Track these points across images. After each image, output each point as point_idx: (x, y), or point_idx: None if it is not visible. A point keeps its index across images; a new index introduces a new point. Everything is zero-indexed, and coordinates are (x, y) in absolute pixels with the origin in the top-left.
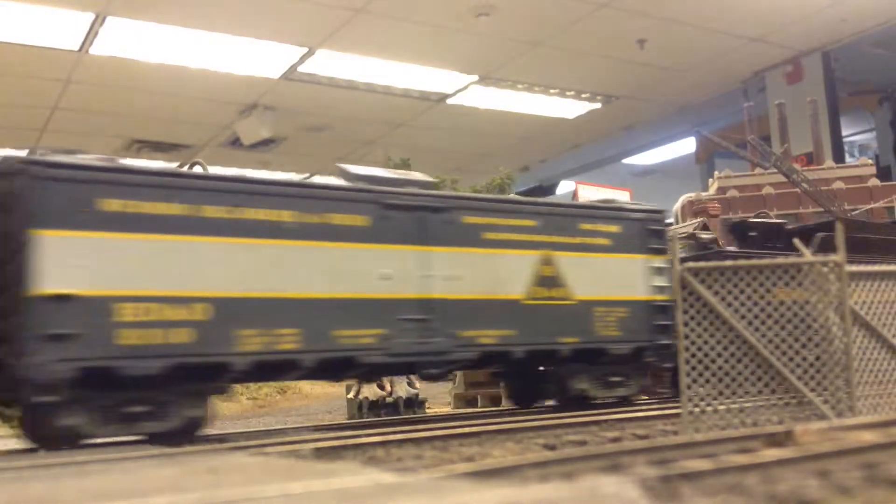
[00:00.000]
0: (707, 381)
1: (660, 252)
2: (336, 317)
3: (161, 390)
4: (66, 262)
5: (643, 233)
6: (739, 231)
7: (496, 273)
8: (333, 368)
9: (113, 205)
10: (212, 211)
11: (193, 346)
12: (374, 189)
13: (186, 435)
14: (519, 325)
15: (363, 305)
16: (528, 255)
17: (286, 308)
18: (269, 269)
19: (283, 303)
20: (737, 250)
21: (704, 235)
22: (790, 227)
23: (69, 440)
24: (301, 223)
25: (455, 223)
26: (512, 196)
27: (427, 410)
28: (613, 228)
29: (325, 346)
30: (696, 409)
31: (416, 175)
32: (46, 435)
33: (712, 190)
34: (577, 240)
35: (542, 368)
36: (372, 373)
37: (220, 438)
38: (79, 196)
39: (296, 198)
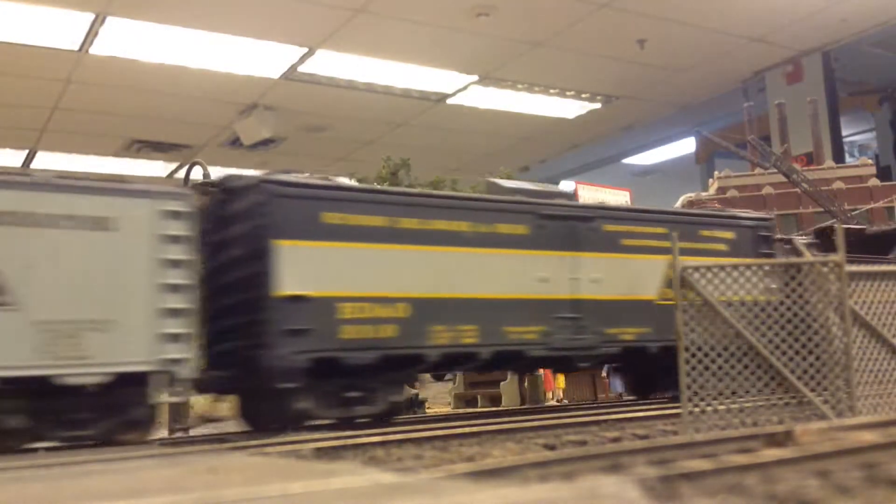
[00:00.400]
0: (707, 381)
1: (768, 256)
2: (505, 315)
3: (371, 379)
4: (298, 268)
5: (754, 238)
6: (824, 236)
7: (633, 276)
8: (504, 361)
9: (333, 218)
10: (407, 223)
11: (397, 339)
12: (531, 201)
13: (389, 418)
14: (653, 323)
15: (526, 305)
16: (659, 259)
17: (466, 307)
18: (451, 272)
19: (463, 302)
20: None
21: (801, 240)
22: (871, 231)
23: (301, 421)
24: (475, 232)
25: (598, 231)
26: (646, 206)
27: (427, 410)
28: (729, 235)
29: (498, 340)
30: (696, 409)
31: (558, 188)
32: (284, 417)
33: (712, 190)
34: (700, 245)
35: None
36: (534, 365)
37: (220, 438)
38: (307, 211)
39: (470, 210)
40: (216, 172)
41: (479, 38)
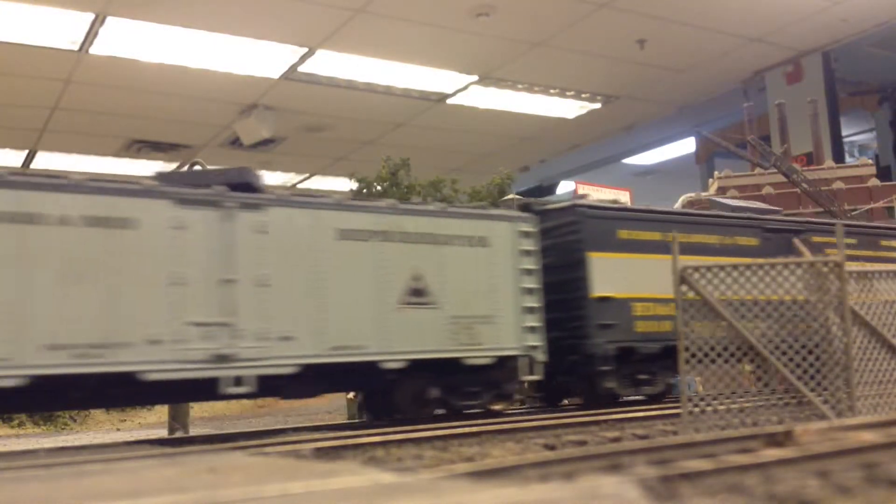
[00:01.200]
0: (707, 380)
1: None
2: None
3: (653, 364)
4: (604, 274)
5: None
6: None
7: None
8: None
9: (625, 234)
10: (622, 233)
11: (671, 334)
12: (759, 217)
13: (662, 397)
14: None
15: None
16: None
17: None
18: None
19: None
20: None
21: None
22: None
23: (610, 398)
24: (722, 244)
25: (808, 242)
26: (848, 221)
27: None
28: None
29: None
30: (696, 409)
31: (766, 205)
32: (596, 394)
33: (712, 190)
34: (880, 254)
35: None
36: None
37: (220, 438)
38: (608, 228)
39: (719, 226)
40: None
41: (479, 38)
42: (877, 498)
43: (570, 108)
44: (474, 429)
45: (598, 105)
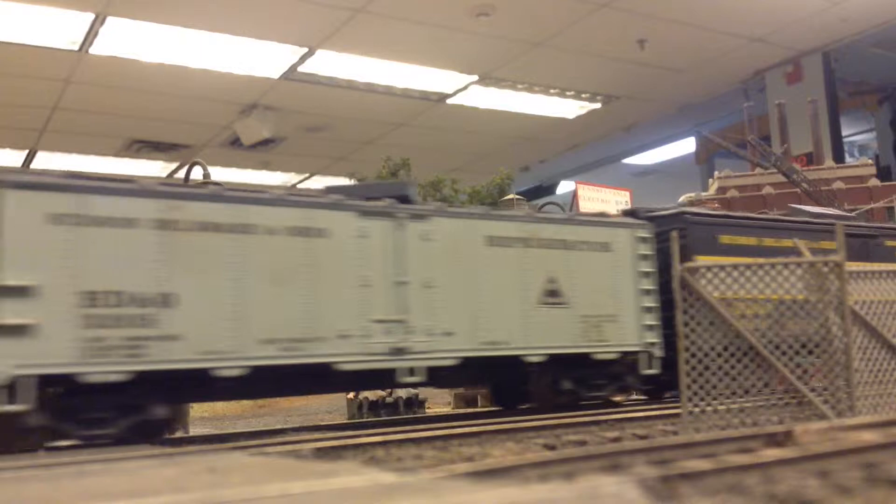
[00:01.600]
0: (707, 380)
1: None
2: None
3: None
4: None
5: None
6: None
7: None
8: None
9: (725, 239)
10: (767, 241)
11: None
12: (835, 223)
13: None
14: None
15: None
16: None
17: None
18: None
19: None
20: None
21: None
22: None
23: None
24: (809, 248)
25: (882, 246)
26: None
27: (427, 410)
28: None
29: None
30: (696, 409)
31: (842, 212)
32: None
33: (712, 190)
34: None
35: None
36: None
37: (220, 438)
38: (711, 234)
39: (806, 231)
40: (216, 173)
41: (479, 38)
42: (877, 498)
43: (570, 108)
44: (474, 429)
45: (598, 105)
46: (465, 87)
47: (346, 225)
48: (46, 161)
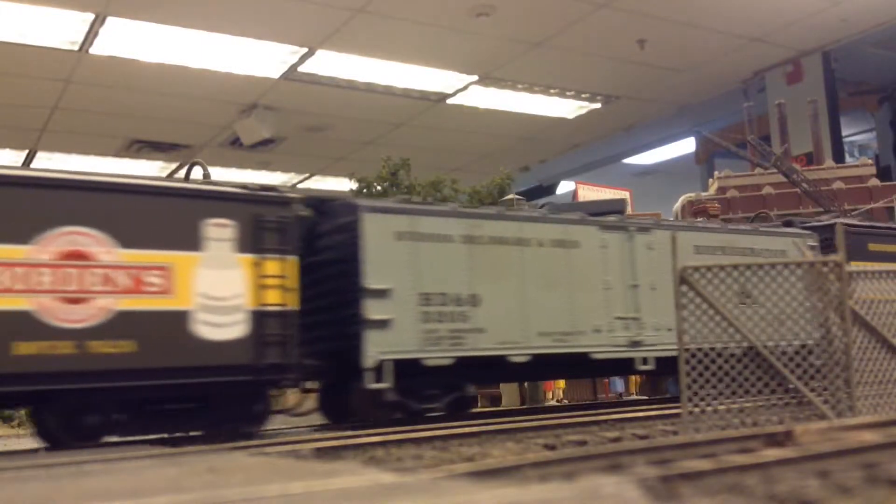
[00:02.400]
0: (707, 380)
1: None
2: None
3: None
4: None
5: None
6: None
7: None
8: None
9: (873, 247)
10: (872, 246)
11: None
12: None
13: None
14: None
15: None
16: None
17: None
18: None
19: None
20: None
21: None
22: None
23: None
24: (885, 252)
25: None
26: None
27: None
28: None
29: None
30: (696, 409)
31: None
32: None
33: (712, 190)
34: None
35: None
36: None
37: (221, 438)
38: (860, 242)
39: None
40: (216, 173)
41: (479, 38)
42: (877, 498)
43: (570, 108)
44: (474, 429)
45: (598, 105)
46: (465, 88)
47: (591, 237)
48: (46, 161)
